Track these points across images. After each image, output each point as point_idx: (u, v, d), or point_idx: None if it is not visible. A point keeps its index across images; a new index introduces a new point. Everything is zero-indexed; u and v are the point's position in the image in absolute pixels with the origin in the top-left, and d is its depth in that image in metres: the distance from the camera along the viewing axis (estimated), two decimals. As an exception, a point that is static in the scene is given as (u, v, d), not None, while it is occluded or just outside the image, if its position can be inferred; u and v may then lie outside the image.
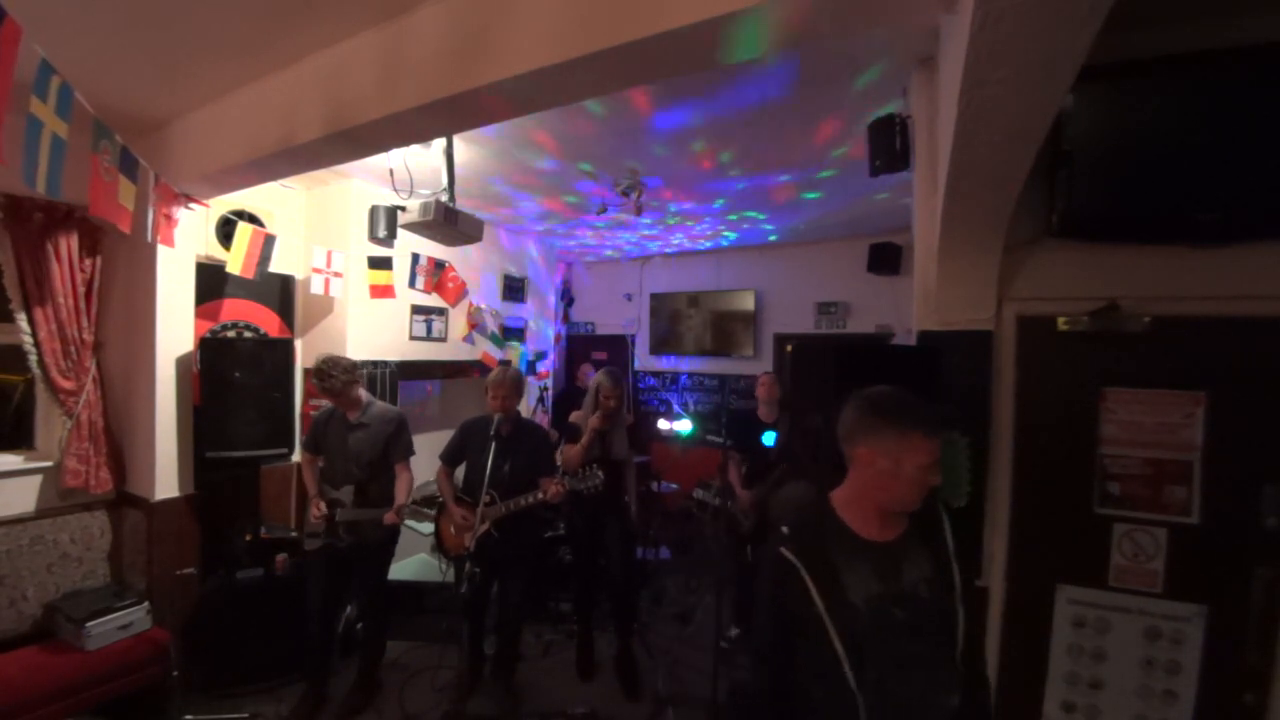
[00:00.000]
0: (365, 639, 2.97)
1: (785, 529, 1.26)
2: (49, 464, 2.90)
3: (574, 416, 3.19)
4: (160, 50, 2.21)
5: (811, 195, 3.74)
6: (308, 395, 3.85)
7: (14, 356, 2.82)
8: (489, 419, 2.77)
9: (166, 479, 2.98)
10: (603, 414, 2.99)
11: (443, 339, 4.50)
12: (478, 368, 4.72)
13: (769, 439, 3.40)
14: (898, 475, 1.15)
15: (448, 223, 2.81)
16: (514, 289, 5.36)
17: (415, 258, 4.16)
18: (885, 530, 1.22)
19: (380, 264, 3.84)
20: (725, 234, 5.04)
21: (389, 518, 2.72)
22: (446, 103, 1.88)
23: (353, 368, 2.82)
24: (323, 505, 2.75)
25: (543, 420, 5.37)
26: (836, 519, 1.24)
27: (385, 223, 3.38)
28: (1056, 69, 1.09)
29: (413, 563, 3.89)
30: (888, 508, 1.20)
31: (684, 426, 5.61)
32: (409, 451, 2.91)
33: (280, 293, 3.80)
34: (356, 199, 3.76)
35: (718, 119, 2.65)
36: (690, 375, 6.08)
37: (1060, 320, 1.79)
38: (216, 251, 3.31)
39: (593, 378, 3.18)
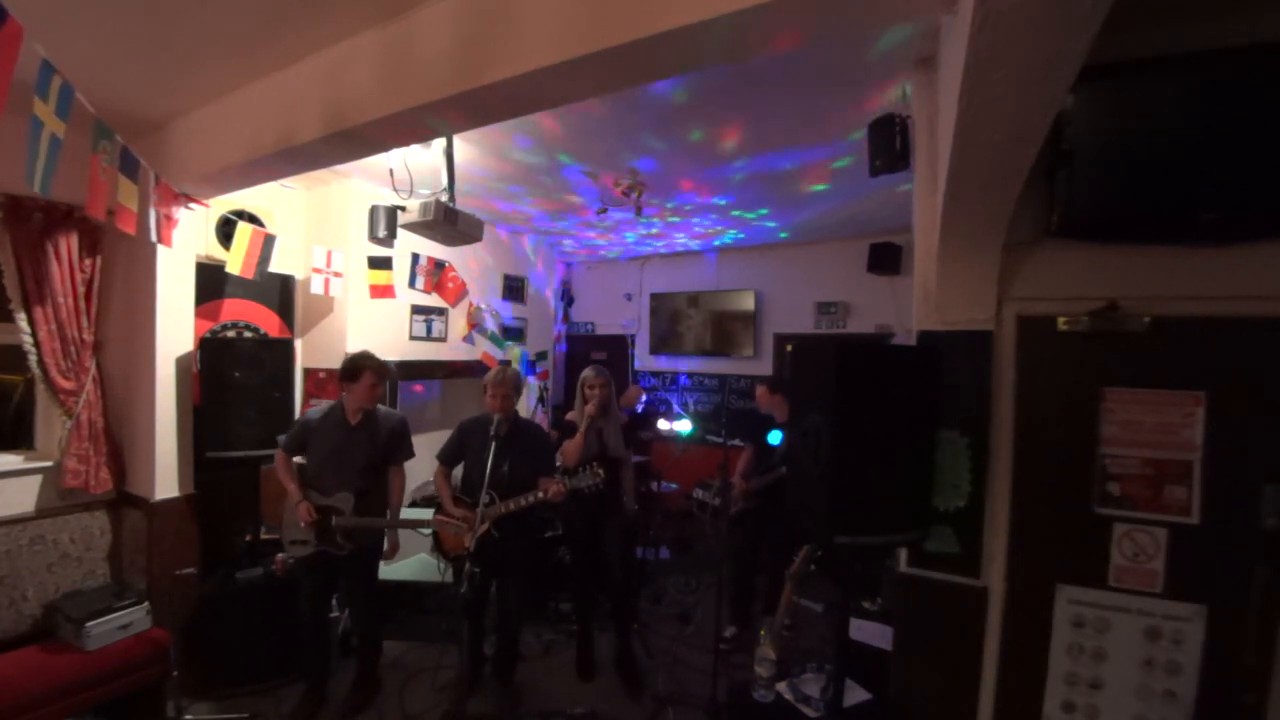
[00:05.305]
0: (361, 643, 2.95)
1: None
2: (49, 464, 2.90)
3: (570, 415, 3.21)
4: (160, 50, 2.20)
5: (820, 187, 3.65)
6: (308, 395, 3.86)
7: (14, 356, 2.82)
8: (488, 419, 2.77)
9: (166, 479, 2.98)
10: (596, 403, 3.00)
11: (443, 339, 4.50)
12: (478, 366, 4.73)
13: (775, 438, 3.56)
14: None
15: (448, 222, 2.81)
16: (514, 289, 5.36)
17: (415, 258, 4.16)
18: None
19: (380, 264, 3.84)
20: (726, 233, 5.03)
21: (388, 551, 2.85)
22: (447, 102, 1.88)
23: None
24: (311, 509, 2.67)
25: (542, 421, 5.37)
26: None
27: (385, 223, 3.38)
28: (1056, 69, 1.09)
29: (413, 563, 3.89)
30: None
31: (684, 426, 5.61)
32: (409, 455, 2.91)
33: (280, 293, 3.81)
34: (356, 199, 3.77)
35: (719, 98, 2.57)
36: (690, 375, 6.08)
37: (1060, 320, 1.79)
38: (216, 251, 3.31)
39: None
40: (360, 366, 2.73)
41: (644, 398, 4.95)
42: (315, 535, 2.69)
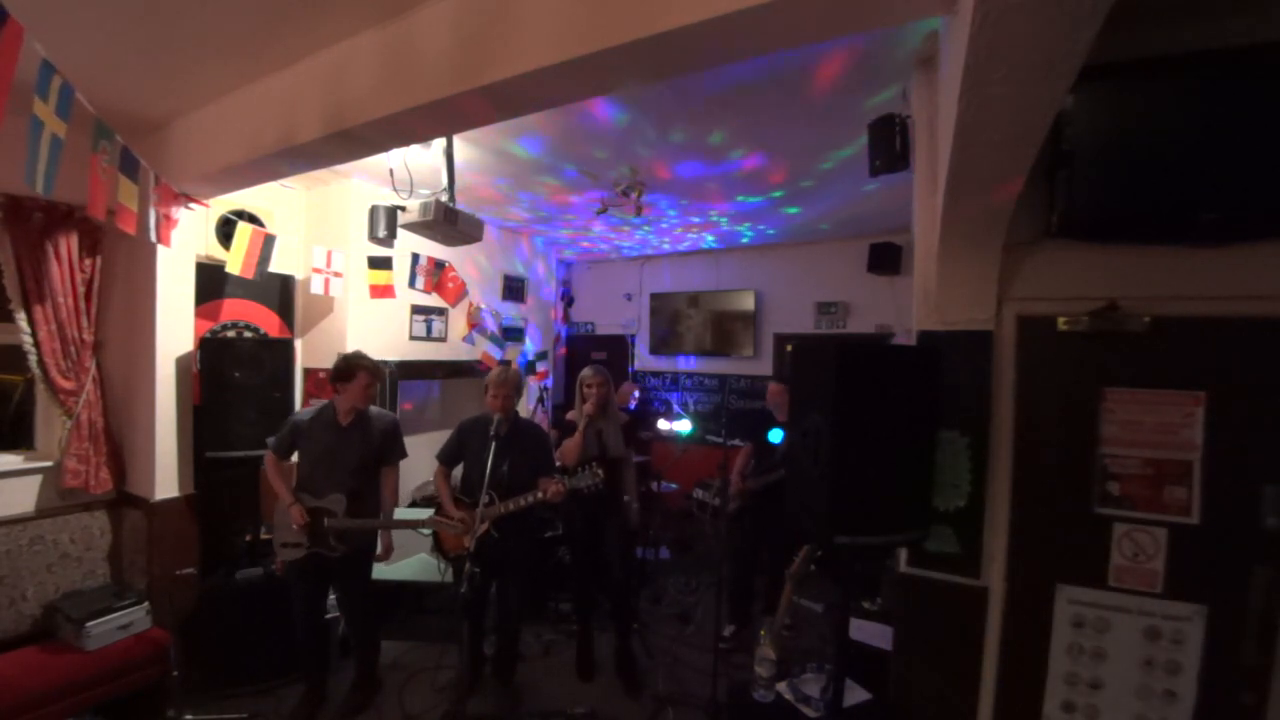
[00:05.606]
0: (358, 644, 2.93)
1: None
2: (49, 464, 2.90)
3: (570, 415, 3.21)
4: (161, 50, 2.21)
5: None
6: (308, 395, 3.86)
7: (14, 356, 2.82)
8: (487, 419, 2.76)
9: (166, 479, 2.99)
10: (594, 402, 3.00)
11: (443, 339, 4.50)
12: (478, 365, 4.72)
13: (775, 436, 3.57)
14: None
15: (448, 222, 2.81)
16: (514, 289, 5.36)
17: (415, 258, 4.16)
18: None
19: (380, 264, 3.84)
20: (726, 228, 4.99)
21: (382, 552, 2.84)
22: (448, 102, 1.88)
23: None
24: (304, 512, 2.63)
25: (542, 421, 5.37)
26: None
27: (385, 223, 3.39)
28: (1056, 69, 1.09)
29: (412, 563, 3.89)
30: None
31: (684, 426, 5.61)
32: (402, 455, 2.91)
33: (280, 293, 3.81)
34: (356, 199, 3.77)
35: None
36: (690, 375, 6.08)
37: (1060, 320, 1.79)
38: (216, 251, 3.31)
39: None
40: (355, 366, 2.71)
41: (636, 394, 4.91)
42: (308, 537, 2.66)
